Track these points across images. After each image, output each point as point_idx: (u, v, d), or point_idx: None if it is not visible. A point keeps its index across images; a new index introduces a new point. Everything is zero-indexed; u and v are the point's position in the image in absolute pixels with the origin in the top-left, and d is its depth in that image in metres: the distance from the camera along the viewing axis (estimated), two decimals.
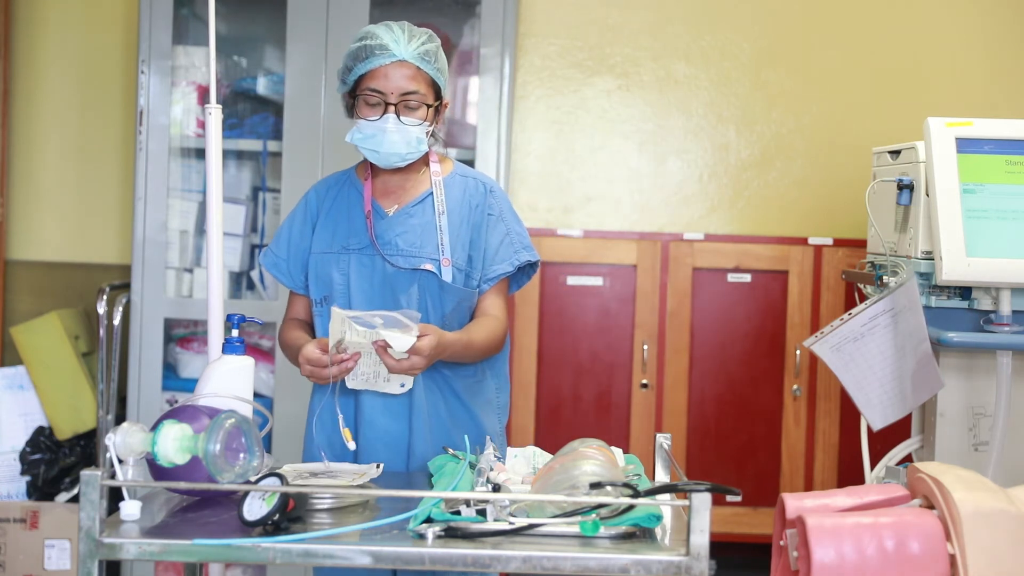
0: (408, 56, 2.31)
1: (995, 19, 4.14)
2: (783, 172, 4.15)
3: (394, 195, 2.45)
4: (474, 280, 2.42)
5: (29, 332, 3.85)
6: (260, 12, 3.87)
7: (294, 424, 3.55)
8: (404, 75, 2.31)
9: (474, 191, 2.46)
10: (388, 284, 2.39)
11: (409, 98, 2.32)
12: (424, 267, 2.37)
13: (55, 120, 4.17)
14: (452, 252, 2.39)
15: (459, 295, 2.39)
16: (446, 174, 2.47)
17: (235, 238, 3.76)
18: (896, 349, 2.62)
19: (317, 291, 2.44)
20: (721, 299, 3.93)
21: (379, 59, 2.31)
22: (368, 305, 2.37)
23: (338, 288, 2.41)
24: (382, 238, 2.40)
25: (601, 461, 1.91)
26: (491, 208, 2.45)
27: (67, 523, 3.59)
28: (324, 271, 2.43)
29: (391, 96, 2.31)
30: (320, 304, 2.44)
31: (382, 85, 2.31)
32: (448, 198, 2.43)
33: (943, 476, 1.79)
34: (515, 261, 2.44)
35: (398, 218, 2.42)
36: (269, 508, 1.72)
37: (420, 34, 2.35)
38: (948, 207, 2.57)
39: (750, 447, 3.93)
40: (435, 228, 2.40)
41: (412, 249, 2.39)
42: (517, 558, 1.68)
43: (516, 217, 2.50)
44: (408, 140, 2.34)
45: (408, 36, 2.33)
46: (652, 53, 4.15)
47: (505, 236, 2.45)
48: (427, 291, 2.38)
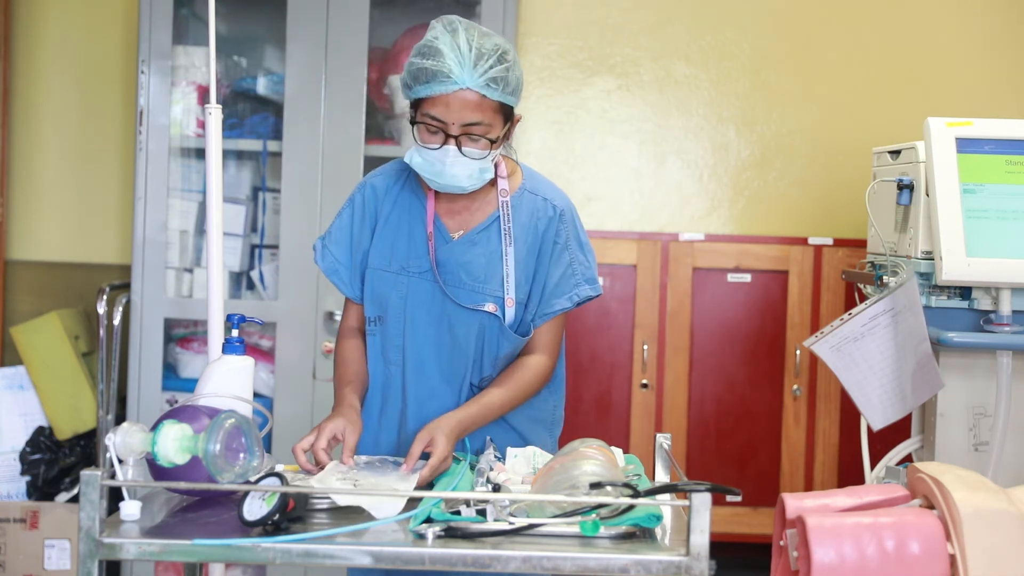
0: (473, 84, 2.07)
1: (995, 19, 4.14)
2: (783, 172, 4.15)
3: (459, 216, 2.26)
4: (529, 315, 2.26)
5: (29, 332, 3.85)
6: (260, 12, 3.87)
7: (294, 424, 3.55)
8: (468, 104, 2.08)
9: (542, 214, 2.25)
10: (447, 319, 2.23)
11: (472, 129, 2.10)
12: (487, 308, 2.22)
13: (55, 120, 4.17)
14: (516, 287, 2.23)
15: (516, 342, 2.24)
16: (514, 190, 2.26)
17: (235, 238, 3.76)
18: (896, 349, 2.62)
19: (371, 309, 2.28)
20: (721, 299, 3.93)
21: (440, 85, 2.07)
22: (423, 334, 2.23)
23: (394, 311, 2.25)
24: (444, 266, 2.23)
25: (601, 461, 1.91)
26: (558, 235, 2.25)
27: (67, 523, 3.59)
28: (381, 290, 2.26)
29: (452, 127, 2.10)
30: (374, 323, 2.28)
31: (443, 114, 2.09)
32: (515, 221, 2.24)
33: (943, 476, 1.79)
34: (575, 297, 2.26)
35: (462, 245, 2.24)
36: (269, 508, 1.72)
37: (489, 53, 2.08)
38: (948, 207, 2.57)
39: (750, 447, 3.93)
40: (500, 260, 2.22)
41: (475, 284, 2.22)
42: (517, 558, 1.68)
43: (583, 244, 2.29)
44: (470, 172, 2.14)
45: (475, 57, 2.07)
46: (652, 53, 4.15)
47: (568, 267, 2.26)
48: (486, 332, 2.23)
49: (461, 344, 2.24)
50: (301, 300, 3.61)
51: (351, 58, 3.60)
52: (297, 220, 3.62)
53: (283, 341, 3.62)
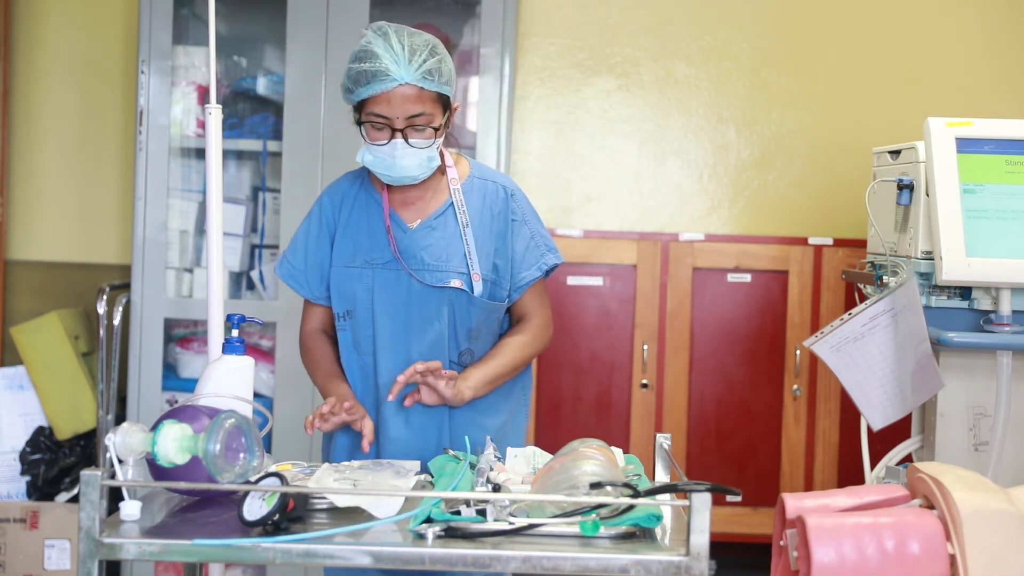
0: (411, 79, 2.21)
1: (995, 19, 4.14)
2: (783, 172, 4.15)
3: (414, 207, 2.39)
4: (502, 290, 2.38)
5: (29, 332, 3.85)
6: (260, 12, 3.87)
7: (294, 424, 3.55)
8: (408, 98, 2.22)
9: (494, 196, 2.40)
10: (416, 301, 2.34)
11: (415, 120, 2.23)
12: (453, 284, 2.33)
13: (55, 120, 4.17)
14: (480, 264, 2.35)
15: (486, 309, 2.36)
16: (463, 178, 2.40)
17: (235, 238, 3.76)
18: (896, 349, 2.62)
19: (339, 305, 2.39)
20: (721, 299, 3.93)
21: (381, 84, 2.21)
22: (393, 320, 2.34)
23: (362, 303, 2.37)
24: (406, 253, 2.35)
25: (601, 461, 1.91)
26: (514, 213, 2.40)
27: (67, 523, 3.59)
28: (347, 286, 2.38)
29: (397, 121, 2.23)
30: (343, 318, 2.39)
31: (386, 111, 2.22)
32: (468, 205, 2.37)
33: (943, 476, 1.79)
34: (542, 265, 2.41)
35: (420, 232, 2.36)
36: (269, 508, 1.72)
37: (421, 48, 2.23)
38: (948, 207, 2.57)
39: (750, 447, 3.93)
40: (460, 241, 2.35)
41: (439, 264, 2.34)
42: (517, 558, 1.68)
43: (538, 217, 2.45)
44: (420, 161, 2.27)
45: (409, 53, 2.21)
46: (652, 53, 4.15)
47: (530, 240, 2.41)
48: (456, 307, 2.34)
49: (433, 323, 2.34)
50: (301, 300, 3.60)
51: None
52: (297, 220, 3.59)
53: (283, 341, 3.62)
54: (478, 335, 2.38)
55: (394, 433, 2.35)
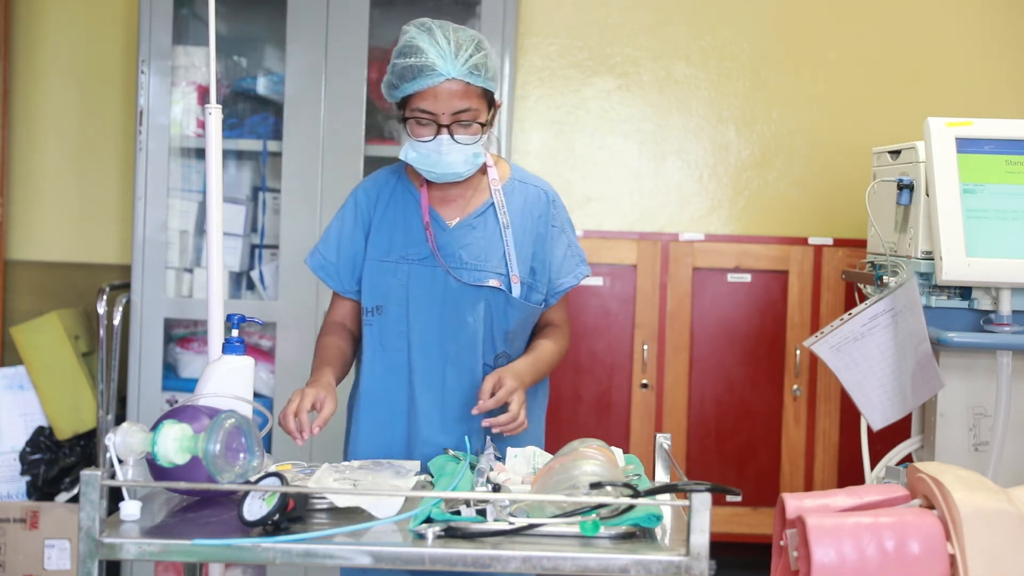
0: (457, 73, 2.17)
1: (995, 19, 4.14)
2: (783, 172, 4.15)
3: (453, 204, 2.36)
4: (538, 294, 2.36)
5: (29, 332, 3.85)
6: (260, 12, 3.87)
7: None
8: (455, 94, 2.18)
9: (535, 200, 2.37)
10: (451, 299, 2.31)
11: (462, 116, 2.20)
12: (491, 283, 2.30)
13: (55, 120, 4.17)
14: (518, 266, 2.32)
15: (525, 311, 2.33)
16: (504, 180, 2.38)
17: (235, 238, 3.76)
18: (896, 349, 2.62)
19: (370, 299, 2.36)
20: (721, 299, 3.93)
21: (427, 79, 2.17)
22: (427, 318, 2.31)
23: (395, 299, 2.33)
24: (444, 250, 2.32)
25: (601, 461, 1.91)
26: (554, 220, 2.38)
27: (67, 523, 3.59)
28: (380, 280, 2.34)
29: (443, 117, 2.20)
30: (371, 313, 2.35)
31: (432, 106, 2.19)
32: (509, 207, 2.35)
33: (943, 476, 1.79)
34: (578, 275, 2.41)
35: (460, 230, 2.33)
36: (269, 508, 1.72)
37: (467, 43, 2.20)
38: (948, 207, 2.57)
39: (750, 447, 3.93)
40: (500, 241, 2.32)
41: (477, 263, 2.31)
42: (517, 558, 1.68)
43: (573, 228, 2.45)
44: (465, 157, 2.25)
45: (455, 48, 2.18)
46: (652, 53, 4.15)
47: (568, 249, 2.40)
48: (493, 307, 2.32)
49: (468, 323, 2.31)
50: (301, 300, 3.61)
51: (351, 58, 3.60)
52: (297, 220, 3.62)
53: (283, 341, 3.62)
54: (515, 338, 2.35)
55: (427, 434, 2.33)
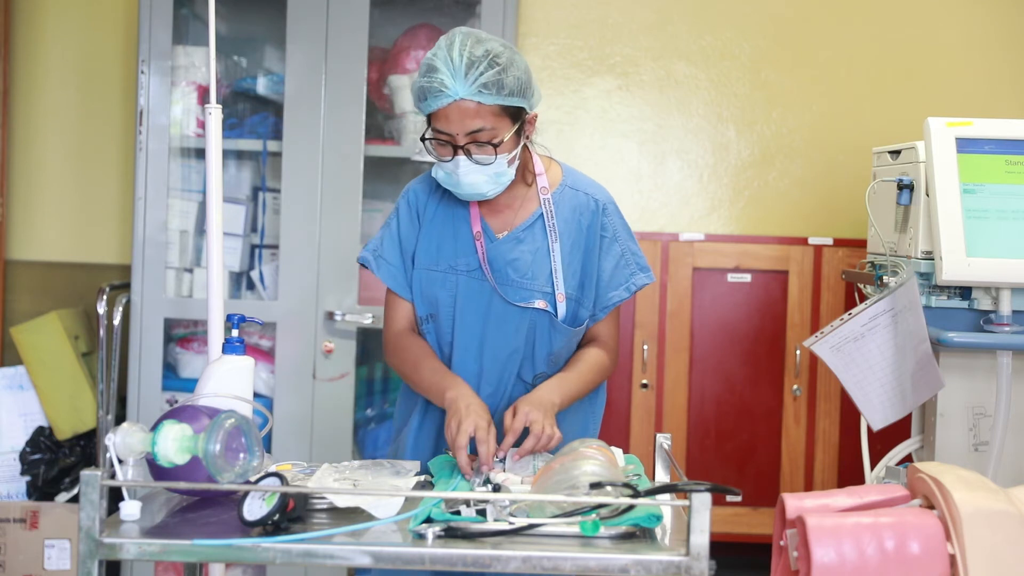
0: (466, 94, 2.11)
1: (995, 19, 4.14)
2: (783, 172, 4.15)
3: (502, 215, 2.30)
4: (585, 309, 2.29)
5: (29, 332, 3.85)
6: (260, 12, 3.87)
7: (294, 424, 3.55)
8: (467, 113, 2.12)
9: (584, 208, 2.30)
10: (496, 315, 2.26)
11: (478, 136, 2.14)
12: (536, 304, 2.25)
13: (55, 120, 4.17)
14: (565, 281, 2.25)
15: (568, 334, 2.27)
16: (555, 187, 2.31)
17: (235, 238, 3.76)
18: (896, 349, 2.62)
19: (423, 308, 2.32)
20: (721, 299, 3.93)
21: (438, 99, 2.12)
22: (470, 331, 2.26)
23: (444, 308, 2.28)
24: (492, 264, 2.26)
25: (601, 461, 1.91)
26: (604, 228, 2.30)
27: (67, 523, 3.59)
28: (430, 289, 2.30)
29: (458, 137, 2.14)
30: (427, 321, 2.31)
31: (446, 126, 2.14)
32: (557, 216, 2.28)
33: (943, 476, 1.79)
34: (631, 286, 2.31)
35: (507, 243, 2.27)
36: (269, 508, 1.72)
37: (480, 60, 2.12)
38: (948, 207, 2.57)
39: (750, 447, 3.93)
40: (547, 256, 2.26)
41: (524, 280, 2.25)
42: (517, 558, 1.68)
43: (630, 233, 2.34)
44: (487, 178, 2.18)
45: (467, 66, 2.11)
46: (652, 53, 4.15)
47: (620, 258, 2.31)
48: (538, 328, 2.26)
49: (511, 341, 2.26)
50: (301, 300, 3.61)
51: (351, 58, 3.60)
52: (297, 220, 3.61)
53: (283, 341, 3.62)
54: (558, 360, 2.30)
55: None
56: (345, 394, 3.61)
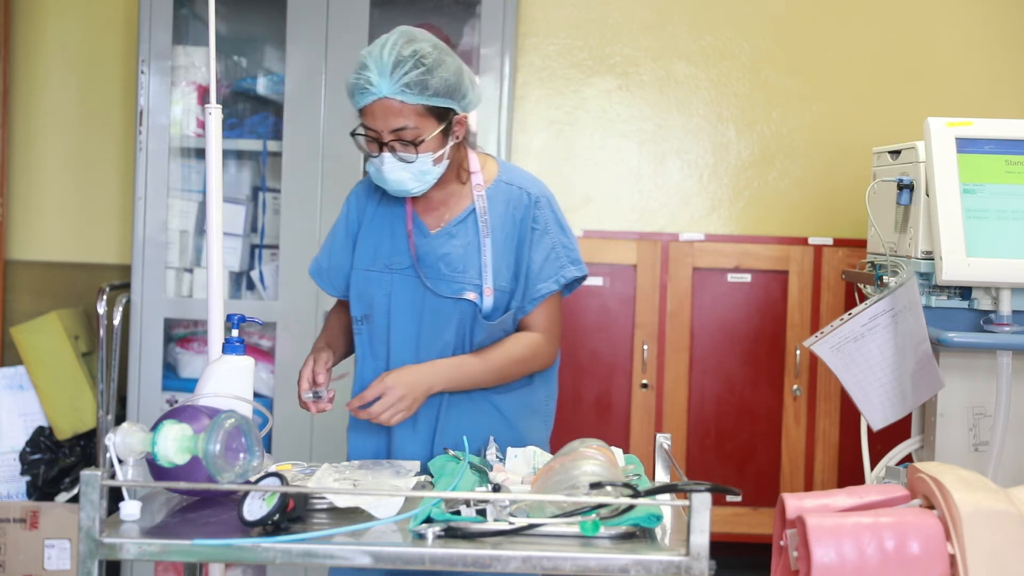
0: (390, 92, 2.16)
1: (995, 19, 4.14)
2: (783, 172, 4.15)
3: (437, 212, 2.34)
4: (516, 301, 2.31)
5: (29, 332, 3.85)
6: (260, 12, 3.87)
7: (294, 424, 3.55)
8: (390, 111, 2.17)
9: (518, 203, 2.32)
10: (429, 311, 2.30)
11: (402, 134, 2.18)
12: (466, 296, 2.28)
13: (55, 120, 4.17)
14: (495, 274, 2.28)
15: (488, 328, 2.29)
16: (490, 182, 2.34)
17: (235, 238, 3.76)
18: (896, 349, 2.62)
19: (358, 308, 2.36)
20: (721, 299, 3.93)
21: (365, 96, 2.18)
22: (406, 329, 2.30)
23: (379, 309, 2.33)
24: (425, 260, 2.31)
25: (601, 461, 1.91)
26: (536, 221, 2.32)
27: (67, 523, 3.59)
28: (366, 290, 2.34)
29: (383, 135, 2.19)
30: (360, 322, 2.35)
31: (371, 123, 2.20)
32: (491, 211, 2.31)
33: (943, 476, 1.79)
34: (560, 279, 2.32)
35: (440, 239, 2.31)
36: (269, 508, 1.72)
37: (407, 60, 2.16)
38: (948, 207, 2.57)
39: (750, 447, 3.93)
40: (478, 250, 2.29)
41: (454, 274, 2.29)
42: (517, 558, 1.68)
43: (563, 227, 2.36)
44: (412, 175, 2.22)
45: (393, 64, 2.16)
46: (652, 53, 4.15)
47: (551, 251, 2.32)
48: (465, 321, 2.29)
49: (442, 335, 2.30)
50: (301, 300, 3.61)
51: (351, 58, 3.56)
52: (297, 220, 3.62)
53: (283, 341, 3.62)
54: None
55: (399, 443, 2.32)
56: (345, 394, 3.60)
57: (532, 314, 2.33)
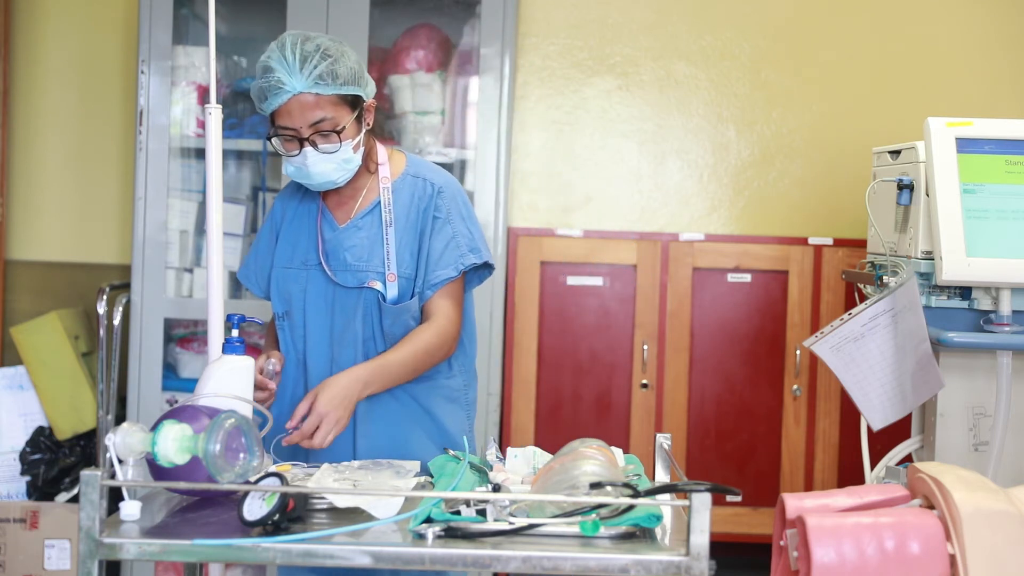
0: (304, 87, 2.22)
1: (995, 19, 4.14)
2: (783, 172, 4.15)
3: (346, 205, 2.41)
4: (418, 286, 2.35)
5: (29, 332, 3.85)
6: (260, 12, 3.87)
7: None
8: (307, 106, 2.23)
9: (422, 193, 2.38)
10: (338, 304, 2.36)
11: (320, 127, 2.24)
12: (370, 284, 2.33)
13: (55, 120, 4.17)
14: (399, 262, 2.33)
15: (394, 313, 2.32)
16: (396, 175, 2.40)
17: (235, 238, 3.76)
18: (896, 349, 2.62)
19: (278, 305, 2.43)
20: (721, 299, 3.93)
21: (279, 97, 2.23)
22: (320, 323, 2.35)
23: (296, 305, 2.40)
24: (332, 253, 2.37)
25: (601, 461, 1.91)
26: (438, 210, 2.37)
27: (67, 523, 3.59)
28: (284, 287, 2.42)
29: (302, 131, 2.24)
30: (282, 319, 2.42)
31: (289, 121, 2.24)
32: (396, 203, 2.37)
33: (943, 476, 1.79)
34: (459, 266, 2.36)
35: (347, 232, 2.38)
36: (269, 508, 1.72)
37: (312, 54, 2.22)
38: (948, 207, 2.57)
39: (750, 447, 3.93)
40: (382, 240, 2.35)
41: (359, 264, 2.34)
42: (517, 558, 1.68)
43: (467, 217, 2.40)
44: (336, 165, 2.29)
45: (300, 61, 2.22)
46: (652, 53, 4.15)
47: (451, 239, 2.36)
48: (371, 309, 2.34)
49: (351, 326, 2.34)
50: None
51: None
52: None
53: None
54: (393, 339, 2.34)
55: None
56: None
57: (433, 299, 2.36)
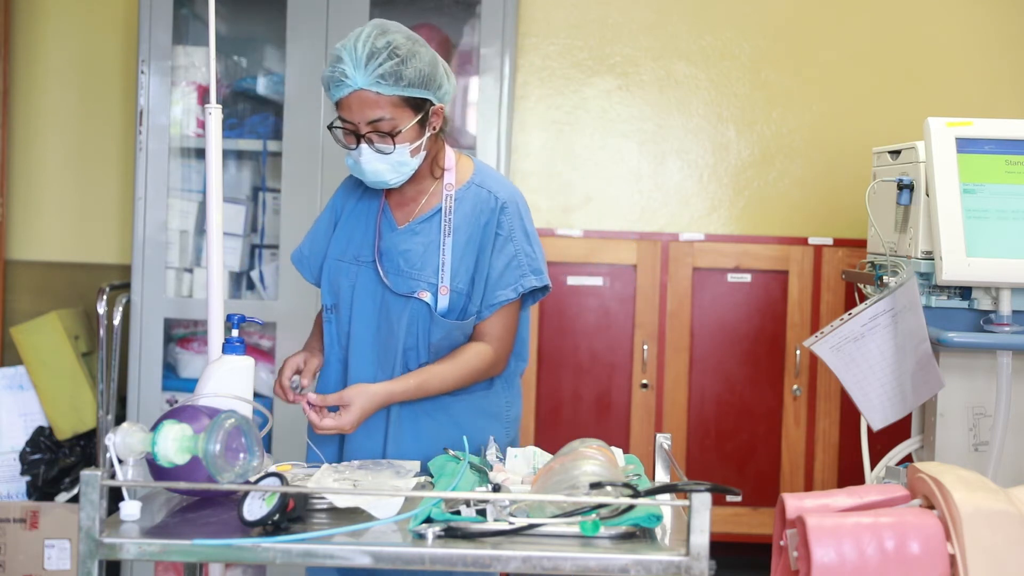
0: (365, 84, 2.17)
1: (994, 19, 4.14)
2: (783, 172, 4.15)
3: (408, 207, 2.35)
4: (473, 305, 2.29)
5: (29, 332, 3.85)
6: (260, 12, 3.87)
7: (294, 424, 3.55)
8: (366, 103, 2.18)
9: (484, 206, 2.30)
10: (384, 306, 2.31)
11: (378, 125, 2.20)
12: (419, 295, 2.27)
13: (55, 120, 4.17)
14: (453, 276, 2.27)
15: (447, 327, 2.28)
16: (461, 184, 2.32)
17: (235, 238, 3.76)
18: (896, 349, 2.62)
19: (327, 297, 2.38)
20: (721, 299, 3.93)
21: (341, 89, 2.19)
22: (364, 322, 2.32)
23: (344, 299, 2.35)
24: (387, 254, 2.32)
25: (601, 461, 1.91)
26: (500, 227, 2.30)
27: (67, 523, 3.59)
28: (335, 279, 2.37)
29: (360, 127, 2.21)
30: (330, 311, 2.37)
31: (348, 115, 2.21)
32: (457, 212, 2.30)
33: (943, 476, 1.79)
34: (519, 288, 2.29)
35: (404, 234, 2.32)
36: (269, 508, 1.72)
37: (380, 51, 2.18)
38: (948, 207, 2.57)
39: (750, 447, 3.94)
40: (438, 249, 2.29)
41: (412, 270, 2.29)
42: (517, 558, 1.68)
43: (529, 236, 2.33)
44: (390, 166, 2.24)
45: (367, 56, 2.17)
46: (652, 53, 4.15)
47: (512, 259, 2.30)
48: (418, 320, 2.28)
49: (395, 331, 2.30)
50: (301, 300, 3.61)
51: None
52: (297, 220, 3.61)
53: (283, 341, 3.62)
54: (438, 352, 2.30)
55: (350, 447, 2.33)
56: None
57: (487, 321, 2.30)
